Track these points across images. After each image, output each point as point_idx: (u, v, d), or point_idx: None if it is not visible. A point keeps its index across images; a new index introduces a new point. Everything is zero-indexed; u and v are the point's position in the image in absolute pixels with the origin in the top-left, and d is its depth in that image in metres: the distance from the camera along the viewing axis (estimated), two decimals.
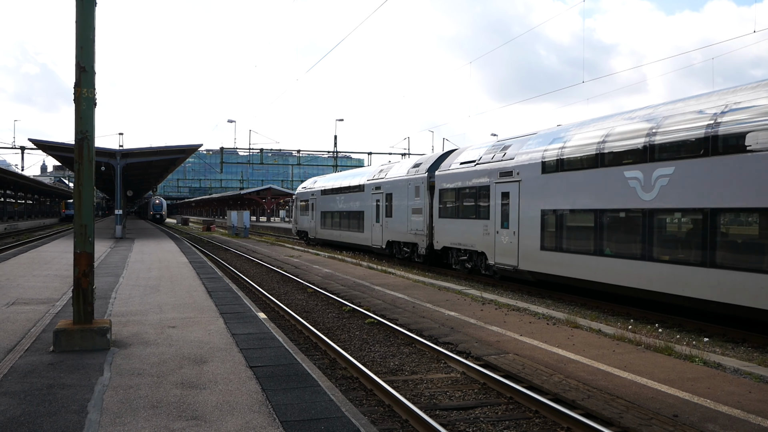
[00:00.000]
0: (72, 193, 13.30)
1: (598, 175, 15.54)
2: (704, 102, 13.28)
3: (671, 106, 14.32)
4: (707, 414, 6.93)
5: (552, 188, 17.32)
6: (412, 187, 26.53)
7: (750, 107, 11.91)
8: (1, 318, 10.97)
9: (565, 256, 16.67)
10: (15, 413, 6.01)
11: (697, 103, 13.49)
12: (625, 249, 14.56)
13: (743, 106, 12.10)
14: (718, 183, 12.35)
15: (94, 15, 8.80)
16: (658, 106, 14.85)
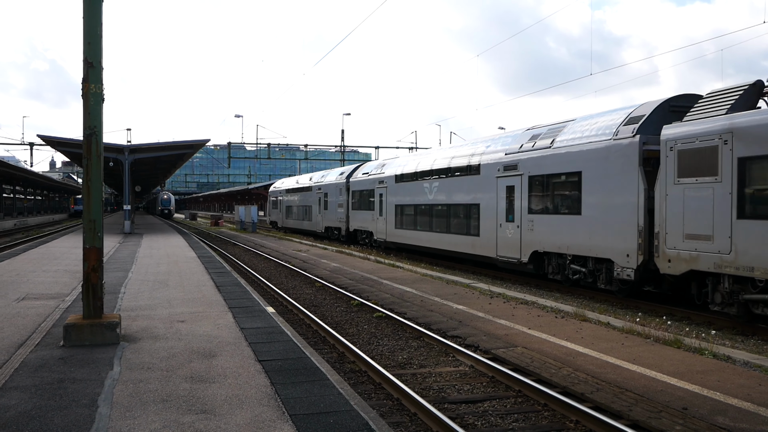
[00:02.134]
0: (81, 188, 13.45)
1: (416, 185, 26.70)
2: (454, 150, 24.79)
3: (442, 151, 26.37)
4: (717, 407, 6.91)
5: (399, 192, 28.51)
6: (338, 189, 37.25)
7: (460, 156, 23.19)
8: (11, 313, 11.04)
9: (405, 231, 27.83)
10: (26, 407, 6.06)
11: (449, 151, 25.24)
12: (425, 226, 25.69)
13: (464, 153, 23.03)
14: (453, 190, 23.31)
15: (101, 11, 8.81)
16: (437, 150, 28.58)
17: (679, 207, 13.22)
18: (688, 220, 13.01)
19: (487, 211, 20.70)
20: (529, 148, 18.68)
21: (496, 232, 20.13)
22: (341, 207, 36.50)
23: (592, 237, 15.94)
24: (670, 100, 14.99)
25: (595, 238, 15.81)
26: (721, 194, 12.25)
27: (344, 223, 36.09)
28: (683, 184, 13.11)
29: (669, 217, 13.46)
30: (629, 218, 14.68)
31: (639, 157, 14.46)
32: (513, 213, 19.22)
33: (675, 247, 13.31)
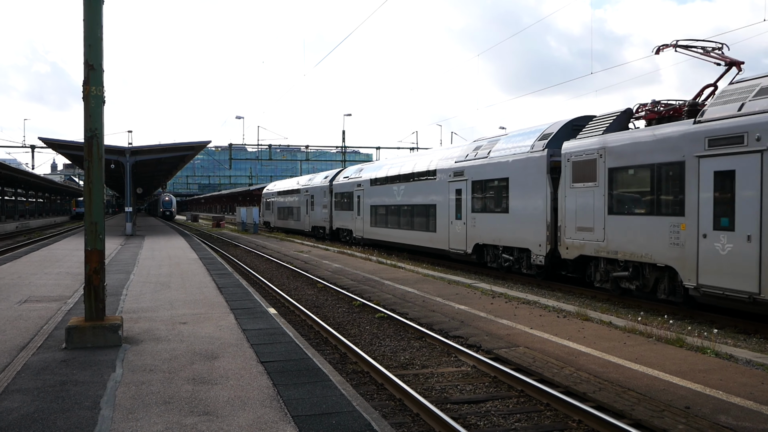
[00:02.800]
0: (82, 191, 13.57)
1: (387, 188, 30.14)
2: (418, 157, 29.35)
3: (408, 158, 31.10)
4: (720, 406, 6.90)
5: (373, 194, 31.80)
6: (322, 191, 40.48)
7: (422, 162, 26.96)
8: (13, 316, 11.05)
9: (378, 229, 31.12)
10: (29, 410, 6.06)
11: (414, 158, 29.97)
12: (394, 224, 29.12)
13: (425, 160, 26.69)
14: (415, 193, 26.74)
15: (101, 13, 8.82)
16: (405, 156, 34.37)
17: (572, 206, 16.67)
18: (578, 216, 16.46)
19: (442, 211, 24.25)
20: (473, 158, 22.21)
21: (448, 229, 23.68)
22: (325, 208, 40.14)
23: (516, 231, 19.45)
24: (573, 121, 18.42)
25: (518, 232, 19.31)
26: (599, 196, 15.70)
27: (328, 222, 39.76)
28: (575, 188, 16.53)
29: (566, 214, 16.96)
30: (541, 216, 18.17)
31: (547, 167, 18.01)
32: (461, 212, 22.75)
33: (570, 238, 16.83)
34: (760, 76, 12.50)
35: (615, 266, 15.49)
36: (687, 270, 13.05)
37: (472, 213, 21.94)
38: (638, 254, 14.51)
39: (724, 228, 12.17)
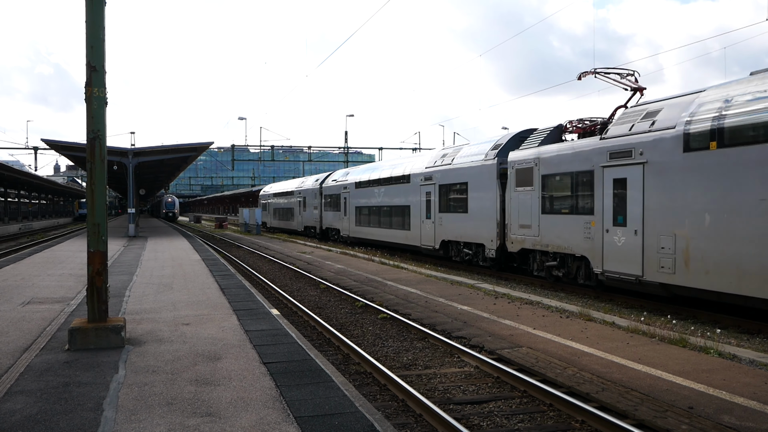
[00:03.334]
0: (85, 192, 13.65)
1: (369, 190, 32.76)
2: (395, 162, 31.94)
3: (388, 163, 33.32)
4: (723, 406, 6.88)
5: (358, 196, 34.41)
6: (313, 193, 43.34)
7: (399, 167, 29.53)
8: (17, 317, 11.06)
9: (362, 228, 33.84)
10: (31, 411, 6.07)
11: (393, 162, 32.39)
12: (375, 223, 31.70)
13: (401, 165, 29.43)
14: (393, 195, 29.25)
15: (103, 14, 8.83)
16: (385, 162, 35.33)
17: (516, 206, 19.46)
18: (520, 215, 19.30)
19: (415, 211, 27.02)
20: (440, 164, 25.00)
21: (420, 227, 26.44)
22: (316, 209, 43.11)
23: (474, 229, 22.18)
24: (520, 133, 21.12)
25: (476, 229, 22.05)
26: (534, 198, 18.53)
27: (318, 222, 42.68)
28: (518, 191, 19.32)
29: (511, 214, 19.78)
30: (492, 215, 20.94)
31: (497, 173, 20.82)
32: (430, 212, 25.57)
33: (515, 234, 19.64)
34: (650, 102, 15.13)
35: (547, 257, 18.29)
36: (596, 259, 15.84)
37: (439, 213, 24.76)
38: (563, 246, 17.36)
39: (620, 224, 14.93)
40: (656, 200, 13.85)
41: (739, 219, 11.97)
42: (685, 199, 13.11)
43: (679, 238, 13.21)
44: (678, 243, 13.24)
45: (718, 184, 12.36)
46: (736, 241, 12.00)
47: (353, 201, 35.29)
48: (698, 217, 12.82)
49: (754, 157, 11.65)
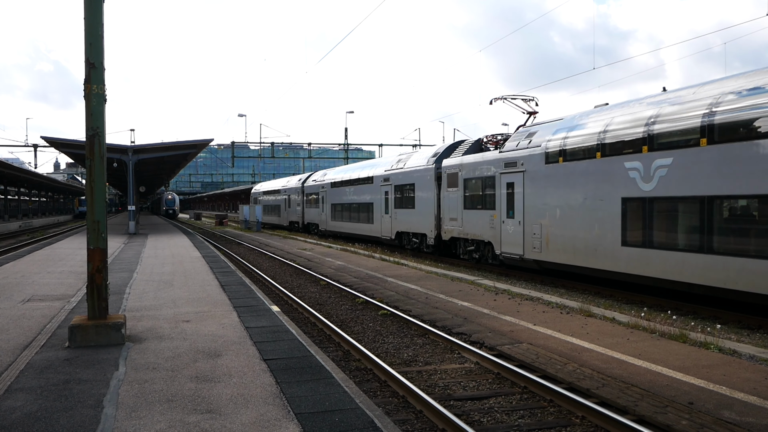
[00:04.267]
0: (85, 189, 13.67)
1: (342, 189, 37.37)
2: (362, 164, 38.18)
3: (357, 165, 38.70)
4: (723, 401, 6.89)
5: (333, 194, 39.19)
6: (297, 191, 48.60)
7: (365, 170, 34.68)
8: (17, 315, 11.06)
9: (336, 222, 38.58)
10: (32, 409, 6.07)
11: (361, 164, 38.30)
12: (347, 218, 36.31)
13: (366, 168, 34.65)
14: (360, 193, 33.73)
15: (102, 12, 8.81)
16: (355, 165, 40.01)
17: (447, 204, 24.41)
18: (450, 211, 24.21)
19: (377, 207, 32.05)
20: (395, 168, 30.20)
21: (381, 221, 31.44)
22: (299, 206, 48.28)
23: (419, 222, 27.23)
24: (453, 144, 26.28)
25: (420, 222, 27.07)
26: (459, 197, 23.35)
27: (301, 217, 47.87)
28: (449, 191, 24.16)
29: (444, 209, 24.74)
30: (431, 210, 25.78)
31: (434, 176, 25.51)
32: (388, 208, 30.55)
33: (446, 225, 24.54)
34: (532, 125, 20.55)
35: (468, 243, 23.12)
36: (497, 243, 20.71)
37: (394, 209, 29.75)
38: (477, 234, 22.19)
39: (510, 217, 19.84)
40: (531, 199, 18.72)
41: (574, 212, 16.79)
42: (546, 198, 18.03)
43: (543, 227, 18.13)
44: (543, 230, 18.14)
45: (563, 187, 17.22)
46: (572, 228, 16.87)
47: (329, 199, 40.32)
48: (553, 211, 17.72)
49: (581, 169, 16.44)
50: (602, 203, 15.66)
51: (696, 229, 13.09)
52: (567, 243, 16.89)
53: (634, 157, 14.65)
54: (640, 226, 14.50)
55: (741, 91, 12.50)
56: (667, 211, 13.85)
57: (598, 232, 15.79)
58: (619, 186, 15.10)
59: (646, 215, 14.33)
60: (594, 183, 15.97)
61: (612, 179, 15.33)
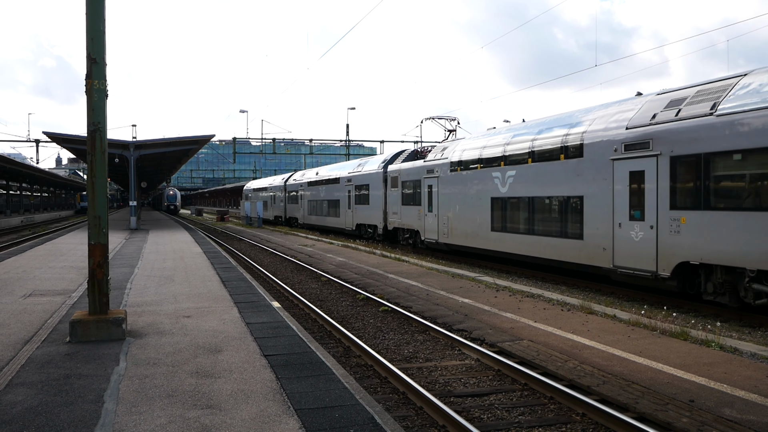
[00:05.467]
0: (86, 185, 13.66)
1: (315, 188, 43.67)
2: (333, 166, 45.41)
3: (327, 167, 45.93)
4: (724, 399, 6.88)
5: (309, 192, 45.23)
6: (280, 189, 55.07)
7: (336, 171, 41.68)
8: (18, 309, 11.08)
9: (312, 216, 44.48)
10: (32, 403, 6.07)
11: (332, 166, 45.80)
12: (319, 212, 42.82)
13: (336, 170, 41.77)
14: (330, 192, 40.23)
15: (103, 7, 8.80)
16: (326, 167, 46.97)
17: (391, 201, 30.36)
18: (393, 207, 30.10)
19: (342, 204, 38.03)
20: (356, 171, 36.22)
21: (345, 215, 37.48)
22: (282, 202, 54.42)
23: (372, 215, 33.26)
24: (398, 152, 32.48)
25: (373, 215, 33.11)
26: (398, 195, 29.14)
27: (284, 212, 54.05)
28: (392, 191, 30.05)
29: (389, 206, 30.70)
30: (381, 206, 31.88)
31: (383, 179, 31.66)
32: (349, 204, 36.81)
33: (390, 218, 30.60)
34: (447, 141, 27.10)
35: (405, 232, 29.39)
36: (422, 231, 26.68)
37: (355, 205, 35.70)
38: (410, 225, 28.16)
39: (430, 211, 25.60)
40: (442, 198, 24.61)
41: (466, 208, 22.60)
42: (451, 197, 23.85)
43: (449, 218, 23.95)
44: (449, 221, 23.95)
45: (460, 189, 23.06)
46: (465, 219, 22.63)
47: (306, 196, 46.66)
48: (455, 207, 23.54)
49: (470, 176, 22.26)
50: (480, 201, 21.50)
51: (527, 219, 18.95)
52: (463, 230, 22.92)
53: (496, 169, 20.57)
54: (500, 217, 20.43)
55: (542, 129, 18.71)
56: (513, 207, 19.75)
57: (479, 222, 21.59)
58: (489, 189, 20.95)
59: (502, 209, 20.31)
60: (476, 186, 21.82)
61: (486, 184, 21.19)
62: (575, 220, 16.69)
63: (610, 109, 16.15)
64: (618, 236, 14.94)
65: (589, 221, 16.10)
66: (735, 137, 12.05)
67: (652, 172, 13.89)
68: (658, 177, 13.73)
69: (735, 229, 12.07)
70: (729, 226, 12.16)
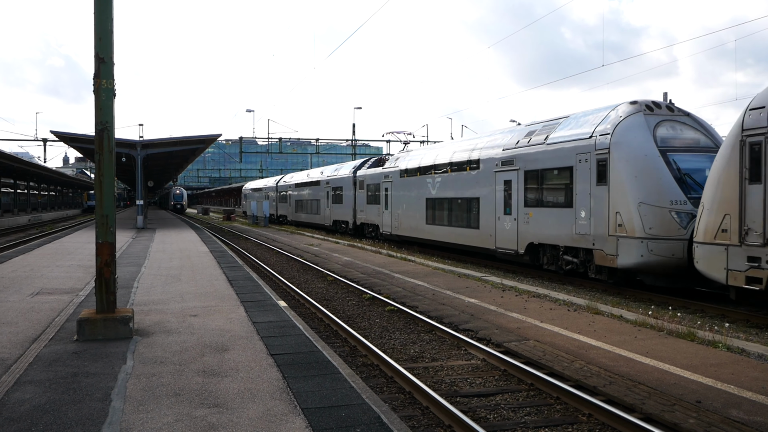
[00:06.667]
0: (94, 184, 13.73)
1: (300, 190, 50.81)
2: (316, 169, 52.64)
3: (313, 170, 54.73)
4: (731, 400, 6.86)
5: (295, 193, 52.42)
6: (273, 189, 60.98)
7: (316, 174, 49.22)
8: (26, 308, 11.13)
9: (299, 214, 50.99)
10: (40, 401, 6.10)
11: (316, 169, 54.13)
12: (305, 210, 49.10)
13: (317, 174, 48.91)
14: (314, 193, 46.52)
15: (112, 7, 8.83)
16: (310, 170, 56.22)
17: (359, 201, 35.85)
18: (360, 205, 35.75)
19: (322, 203, 43.89)
20: (333, 174, 42.05)
21: (324, 212, 43.46)
22: (274, 201, 60.32)
23: (345, 213, 38.67)
24: (367, 159, 38.30)
25: (346, 213, 38.44)
26: (365, 196, 34.78)
27: (276, 210, 59.73)
28: (359, 192, 35.55)
29: (357, 205, 36.08)
30: (351, 205, 37.18)
31: (353, 182, 36.93)
32: (327, 203, 42.56)
33: (358, 215, 36.03)
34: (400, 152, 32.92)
35: (368, 227, 34.84)
36: (381, 226, 32.14)
37: (332, 204, 41.41)
38: (372, 220, 33.79)
39: (387, 209, 31.24)
40: (395, 198, 30.25)
41: (410, 206, 28.34)
42: (400, 197, 29.62)
43: (399, 215, 29.67)
44: (399, 216, 29.67)
45: (406, 192, 28.83)
46: (409, 215, 28.39)
47: (294, 196, 52.82)
48: (403, 205, 29.32)
49: (412, 181, 28.04)
50: (419, 201, 27.27)
51: (448, 215, 24.54)
52: (408, 224, 28.69)
53: (429, 176, 26.46)
54: (432, 214, 26.04)
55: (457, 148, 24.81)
56: (439, 206, 25.39)
57: (418, 217, 27.34)
58: (424, 192, 26.79)
59: (433, 208, 25.95)
60: (417, 190, 27.61)
61: (422, 188, 27.01)
62: (475, 215, 22.33)
63: (497, 135, 22.27)
64: (498, 226, 20.77)
65: (482, 216, 21.77)
66: (554, 159, 17.92)
67: (515, 181, 19.69)
68: (518, 185, 19.48)
69: (554, 220, 17.87)
70: (551, 218, 18.00)
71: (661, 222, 14.64)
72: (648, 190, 14.93)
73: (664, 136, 15.75)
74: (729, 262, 12.05)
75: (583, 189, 16.62)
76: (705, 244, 12.63)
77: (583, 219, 16.59)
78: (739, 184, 11.81)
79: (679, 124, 16.16)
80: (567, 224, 17.16)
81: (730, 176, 12.02)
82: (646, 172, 15.12)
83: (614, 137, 15.70)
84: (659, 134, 15.71)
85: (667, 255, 14.48)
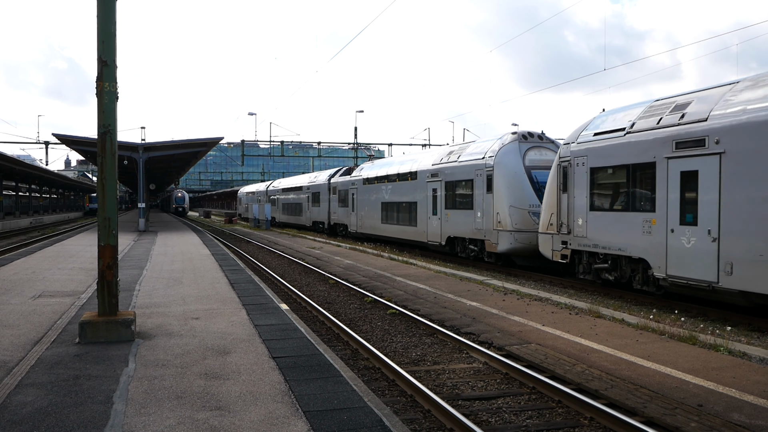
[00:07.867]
0: (95, 187, 13.62)
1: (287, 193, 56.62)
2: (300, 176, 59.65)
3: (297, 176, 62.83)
4: (733, 403, 6.86)
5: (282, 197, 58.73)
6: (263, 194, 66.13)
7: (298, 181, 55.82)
8: (27, 310, 11.14)
9: (285, 215, 57.04)
10: (42, 404, 6.11)
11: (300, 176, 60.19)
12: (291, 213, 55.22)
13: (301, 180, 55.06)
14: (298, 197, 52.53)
15: (114, 9, 8.85)
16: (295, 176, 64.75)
17: (333, 204, 41.88)
18: (333, 208, 42.02)
19: (305, 206, 49.22)
20: (312, 181, 47.44)
21: (305, 214, 48.96)
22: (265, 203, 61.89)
23: (322, 215, 44.26)
24: (340, 168, 44.63)
25: (323, 215, 44.15)
26: (336, 200, 40.92)
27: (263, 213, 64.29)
28: (333, 197, 41.79)
29: (331, 207, 42.28)
30: (327, 208, 43.23)
31: (328, 188, 42.65)
32: (309, 207, 47.75)
33: (332, 216, 42.19)
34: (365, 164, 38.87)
35: (340, 226, 39.93)
36: (349, 225, 37.79)
37: (312, 207, 46.95)
38: (342, 221, 39.25)
39: (353, 211, 36.78)
40: (359, 201, 35.41)
41: (370, 208, 33.76)
42: (363, 201, 34.80)
43: (362, 216, 34.95)
44: (362, 217, 35.04)
45: (368, 196, 34.07)
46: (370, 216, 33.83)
47: (281, 199, 58.10)
48: (365, 207, 34.54)
49: (372, 188, 33.49)
50: (377, 204, 32.64)
51: (396, 215, 30.09)
52: (368, 223, 34.14)
53: (384, 184, 31.90)
54: (386, 215, 31.46)
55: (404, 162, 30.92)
56: (391, 208, 30.90)
57: (376, 217, 32.82)
58: (380, 196, 32.23)
59: (386, 210, 31.36)
60: (375, 195, 33.00)
61: (379, 193, 32.41)
62: (413, 215, 28.17)
63: (429, 153, 29.54)
64: (428, 224, 26.63)
65: (419, 216, 27.62)
66: (462, 173, 23.90)
67: (439, 189, 25.58)
68: (441, 192, 25.37)
69: (462, 219, 23.69)
70: (461, 217, 23.82)
71: (523, 219, 20.75)
72: (515, 196, 21.02)
73: (531, 158, 21.58)
74: (553, 245, 17.77)
75: (479, 195, 22.46)
76: (542, 233, 18.41)
77: (479, 218, 22.42)
78: (557, 193, 17.38)
79: (544, 149, 21.91)
80: (470, 222, 23.07)
81: (554, 187, 17.59)
82: (515, 184, 21.16)
83: (497, 158, 21.75)
84: (528, 157, 21.56)
85: (527, 242, 20.43)
